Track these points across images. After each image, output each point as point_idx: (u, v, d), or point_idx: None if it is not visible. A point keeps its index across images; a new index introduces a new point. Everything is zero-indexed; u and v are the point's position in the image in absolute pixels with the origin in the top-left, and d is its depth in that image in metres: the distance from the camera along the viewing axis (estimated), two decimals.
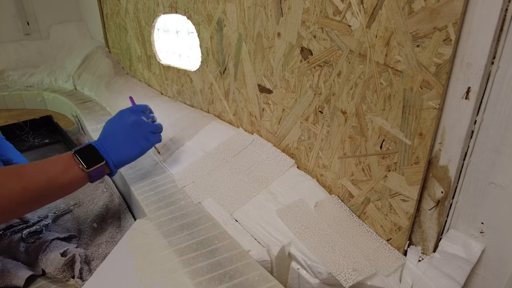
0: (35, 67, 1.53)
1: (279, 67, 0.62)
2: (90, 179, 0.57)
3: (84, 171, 0.55)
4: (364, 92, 0.49)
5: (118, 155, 0.60)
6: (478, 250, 0.43)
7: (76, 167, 0.55)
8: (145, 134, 0.64)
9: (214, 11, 0.73)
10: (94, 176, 0.57)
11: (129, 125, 0.63)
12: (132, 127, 0.63)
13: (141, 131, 0.64)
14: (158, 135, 0.67)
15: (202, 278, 0.46)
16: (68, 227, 0.69)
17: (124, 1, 1.12)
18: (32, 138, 1.15)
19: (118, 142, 0.61)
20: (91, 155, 0.57)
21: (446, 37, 0.38)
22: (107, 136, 0.61)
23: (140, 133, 0.63)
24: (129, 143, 0.62)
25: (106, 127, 0.64)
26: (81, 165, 0.55)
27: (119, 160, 0.61)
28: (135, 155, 0.63)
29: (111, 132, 0.62)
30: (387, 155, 0.49)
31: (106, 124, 0.64)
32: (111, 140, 0.61)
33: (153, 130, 0.66)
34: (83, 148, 0.58)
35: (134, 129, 0.63)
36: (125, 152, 0.61)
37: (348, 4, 0.47)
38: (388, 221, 0.51)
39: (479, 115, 0.39)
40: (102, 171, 0.58)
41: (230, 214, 0.58)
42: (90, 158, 0.57)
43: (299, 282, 0.50)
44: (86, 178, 0.56)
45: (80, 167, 0.55)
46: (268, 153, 0.68)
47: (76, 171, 0.55)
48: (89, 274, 0.57)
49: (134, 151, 0.63)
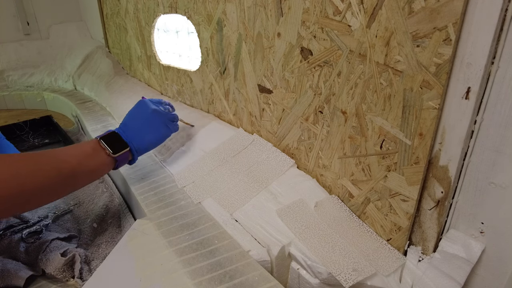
0: (35, 67, 1.53)
1: (279, 67, 0.62)
2: (116, 164, 0.60)
3: (111, 157, 0.58)
4: (364, 92, 0.49)
5: (140, 142, 0.63)
6: (478, 250, 0.43)
7: (103, 152, 0.57)
8: (165, 122, 0.67)
9: (214, 11, 0.73)
10: (120, 161, 0.60)
11: (150, 113, 0.66)
12: (152, 116, 0.66)
13: (160, 119, 0.67)
14: (176, 123, 0.71)
15: (202, 278, 0.46)
16: (68, 227, 0.69)
17: (124, 1, 1.12)
18: (32, 138, 1.15)
19: (140, 129, 0.64)
20: (115, 141, 0.60)
21: (446, 37, 0.38)
22: (129, 124, 0.64)
23: (160, 121, 0.67)
24: (150, 130, 0.65)
25: (127, 116, 0.67)
26: (107, 150, 0.57)
27: (141, 147, 0.63)
28: (156, 141, 0.67)
29: (132, 120, 0.65)
30: (387, 155, 0.49)
31: (127, 114, 0.67)
32: (133, 127, 0.64)
33: (171, 119, 0.70)
34: (108, 135, 0.60)
35: (154, 117, 0.66)
36: (146, 139, 0.64)
37: (348, 4, 0.47)
38: (388, 221, 0.51)
39: (479, 115, 0.39)
40: (126, 157, 0.61)
41: (230, 214, 0.58)
42: (115, 144, 0.59)
43: (299, 282, 0.50)
44: (112, 163, 0.59)
45: (107, 152, 0.57)
46: (268, 153, 0.68)
47: (103, 157, 0.57)
48: (89, 274, 0.57)
49: (155, 138, 0.66)
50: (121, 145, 0.60)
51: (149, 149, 0.66)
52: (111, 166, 0.59)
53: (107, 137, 0.59)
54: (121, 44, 1.29)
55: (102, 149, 0.57)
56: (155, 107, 0.67)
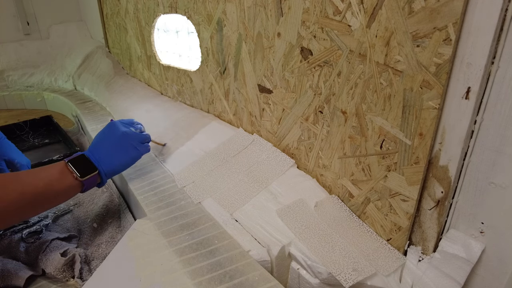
0: (35, 67, 1.53)
1: (279, 67, 0.62)
2: (83, 188, 0.58)
3: (78, 180, 0.56)
4: (364, 92, 0.49)
5: (109, 165, 0.62)
6: (478, 250, 0.43)
7: (70, 176, 0.56)
8: (134, 144, 0.66)
9: (214, 11, 0.73)
10: (87, 185, 0.58)
11: (119, 136, 0.65)
12: (122, 138, 0.65)
13: (130, 141, 0.66)
14: (146, 145, 0.70)
15: (202, 278, 0.46)
16: (68, 227, 0.69)
17: (124, 1, 1.12)
18: (32, 138, 1.15)
19: (109, 152, 0.63)
20: (84, 164, 0.59)
21: (446, 37, 0.38)
22: (98, 147, 0.63)
23: (129, 143, 0.66)
24: (120, 153, 0.64)
25: (96, 138, 0.66)
26: (75, 174, 0.56)
27: (110, 170, 0.62)
28: (126, 164, 0.65)
29: (101, 142, 0.64)
30: (387, 155, 0.49)
31: (96, 136, 0.66)
32: (102, 150, 0.63)
33: (142, 140, 0.69)
34: (76, 158, 0.59)
35: (124, 139, 0.65)
36: (116, 162, 0.63)
37: (348, 4, 0.47)
38: (388, 221, 0.51)
39: (479, 115, 0.39)
40: (94, 181, 0.60)
41: (230, 214, 0.58)
42: (83, 167, 0.58)
43: (299, 282, 0.50)
44: (79, 186, 0.57)
45: (74, 176, 0.56)
46: (268, 153, 0.68)
47: (70, 180, 0.56)
48: (89, 274, 0.57)
49: (125, 160, 0.65)
50: (89, 168, 0.59)
51: (118, 172, 0.65)
52: (79, 189, 0.58)
53: (75, 160, 0.58)
54: (121, 44, 1.29)
55: (70, 172, 0.56)
56: (124, 129, 0.67)
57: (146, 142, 0.70)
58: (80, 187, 0.58)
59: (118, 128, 0.66)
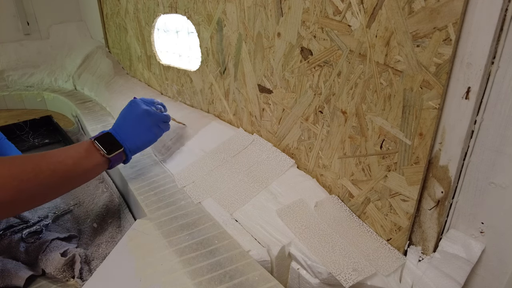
0: (35, 67, 1.53)
1: (279, 67, 0.62)
2: (110, 165, 0.61)
3: (105, 157, 0.59)
4: (364, 92, 0.49)
5: (133, 142, 0.64)
6: (478, 250, 0.43)
7: (97, 153, 0.58)
8: (156, 122, 0.69)
9: (214, 11, 0.73)
10: (113, 161, 0.61)
11: (141, 114, 0.67)
12: (144, 116, 0.67)
13: (152, 120, 0.68)
14: (167, 124, 0.72)
15: (202, 278, 0.46)
16: (68, 227, 0.69)
17: (124, 1, 1.12)
18: (32, 138, 1.15)
19: (133, 130, 0.65)
20: (109, 142, 0.61)
21: (446, 37, 0.38)
22: (122, 125, 0.65)
23: (151, 121, 0.68)
24: (142, 130, 0.66)
25: (119, 117, 0.68)
26: (101, 151, 0.58)
27: (134, 147, 0.65)
28: (149, 141, 0.68)
29: (124, 121, 0.66)
30: (387, 155, 0.49)
31: (119, 114, 0.68)
32: (126, 128, 0.65)
33: (163, 119, 0.71)
34: (102, 136, 0.61)
35: (146, 117, 0.67)
36: (139, 139, 0.65)
37: (348, 4, 0.47)
38: (388, 221, 0.51)
39: (479, 115, 0.39)
40: (120, 157, 0.62)
41: (230, 214, 0.58)
42: (108, 145, 0.60)
43: (299, 282, 0.50)
44: (106, 163, 0.60)
45: (101, 153, 0.58)
46: (268, 153, 0.68)
47: (97, 157, 0.58)
48: (89, 274, 0.57)
49: (148, 138, 0.67)
50: (115, 145, 0.61)
51: (142, 149, 0.67)
52: (106, 166, 0.60)
53: (101, 138, 0.60)
54: (121, 44, 1.29)
55: (97, 150, 0.58)
56: (146, 107, 0.68)
57: (167, 122, 0.72)
58: (107, 164, 0.60)
59: (140, 106, 0.68)
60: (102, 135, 0.61)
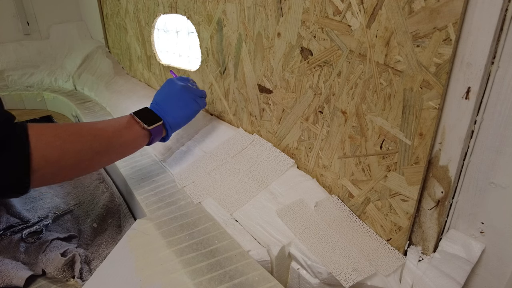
0: (35, 67, 1.53)
1: (279, 67, 0.62)
2: (150, 138, 0.61)
3: (145, 129, 0.59)
4: (364, 92, 0.49)
5: (173, 117, 0.65)
6: (478, 250, 0.43)
7: (137, 125, 0.59)
8: (194, 97, 0.69)
9: (214, 11, 0.73)
10: (154, 134, 0.61)
11: (179, 90, 0.68)
12: (182, 92, 0.68)
13: (190, 95, 0.69)
14: (203, 99, 0.73)
15: (202, 278, 0.46)
16: (68, 227, 0.69)
17: (124, 1, 1.12)
18: None
19: (171, 104, 0.66)
20: (149, 116, 0.61)
21: (446, 37, 0.38)
22: (160, 101, 0.66)
23: (189, 96, 0.69)
24: (181, 106, 0.67)
25: (157, 95, 0.69)
26: (141, 123, 0.59)
27: (174, 122, 0.65)
28: (188, 116, 0.69)
29: (163, 97, 0.67)
30: (387, 155, 0.49)
31: (156, 93, 0.69)
32: (165, 103, 0.66)
33: (200, 95, 0.72)
34: (141, 110, 0.62)
35: (184, 93, 0.68)
36: (178, 114, 0.66)
37: (348, 4, 0.47)
38: (388, 221, 0.51)
39: (479, 115, 0.39)
40: (160, 131, 0.63)
41: (230, 214, 0.58)
42: (148, 119, 0.61)
43: (299, 282, 0.50)
44: (146, 136, 0.60)
45: (141, 125, 0.59)
46: (268, 153, 0.68)
47: (137, 129, 0.59)
48: (89, 274, 0.57)
49: (187, 113, 0.68)
50: (155, 119, 0.62)
51: (182, 125, 0.68)
52: (146, 139, 0.61)
53: (140, 112, 0.61)
54: (121, 44, 1.29)
55: (137, 123, 0.59)
56: (183, 83, 0.69)
57: (203, 97, 0.73)
58: (148, 137, 0.61)
59: (176, 83, 0.69)
60: (141, 109, 0.62)
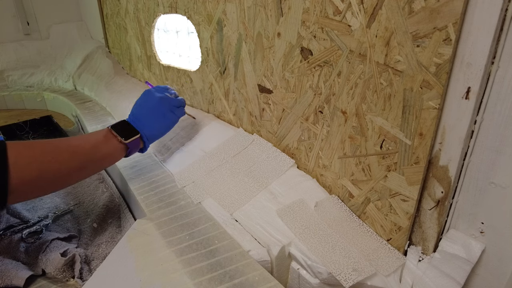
0: (35, 67, 1.53)
1: (279, 67, 0.62)
2: (127, 151, 0.62)
3: (122, 143, 0.60)
4: (364, 92, 0.49)
5: (150, 129, 0.65)
6: (478, 250, 0.43)
7: (114, 139, 0.59)
8: (171, 108, 0.70)
9: (214, 11, 0.73)
10: (131, 147, 0.62)
11: (156, 101, 0.68)
12: (159, 103, 0.68)
13: (167, 106, 0.69)
14: (181, 108, 0.73)
15: (202, 278, 0.46)
16: (68, 227, 0.69)
17: (124, 1, 1.12)
18: (32, 138, 1.14)
19: (149, 117, 0.66)
20: (126, 129, 0.62)
21: (446, 37, 0.38)
22: (137, 113, 0.67)
23: (166, 108, 0.69)
24: (158, 117, 0.67)
25: (135, 106, 0.69)
26: (118, 137, 0.60)
27: (151, 134, 0.66)
28: (165, 128, 0.69)
29: (140, 109, 0.68)
30: (387, 155, 0.49)
31: (134, 104, 0.69)
32: (142, 116, 0.66)
33: (177, 104, 0.72)
34: (118, 124, 0.62)
35: (161, 104, 0.68)
36: (156, 126, 0.67)
37: (348, 4, 0.47)
38: (388, 221, 0.51)
39: (479, 115, 0.39)
40: (137, 144, 0.63)
41: (230, 214, 0.58)
42: (125, 132, 0.61)
43: (299, 282, 0.50)
44: (123, 150, 0.61)
45: (118, 139, 0.59)
46: (268, 153, 0.68)
47: (115, 143, 0.59)
48: (89, 274, 0.57)
49: (164, 124, 0.68)
50: (132, 132, 0.62)
51: (159, 136, 0.68)
52: (123, 152, 0.61)
53: (117, 125, 0.62)
54: (121, 44, 1.29)
55: (114, 136, 0.60)
56: (160, 95, 0.69)
57: (182, 106, 0.73)
58: (125, 150, 0.61)
59: (153, 94, 0.69)
60: (118, 122, 0.62)
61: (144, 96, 0.70)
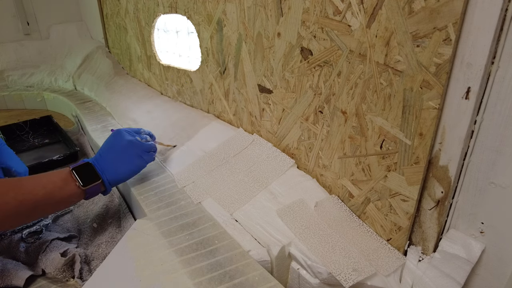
0: (35, 67, 1.53)
1: (279, 67, 0.62)
2: (85, 196, 0.59)
3: (80, 188, 0.57)
4: (364, 92, 0.49)
5: (113, 174, 0.62)
6: (478, 250, 0.43)
7: (73, 184, 0.56)
8: (140, 153, 0.66)
9: (214, 11, 0.73)
10: (89, 193, 0.59)
11: (125, 145, 0.65)
12: (127, 147, 0.65)
13: (135, 150, 0.66)
14: (152, 153, 0.70)
15: (202, 278, 0.46)
16: (68, 227, 0.69)
17: (124, 1, 1.12)
18: (32, 138, 1.14)
19: (114, 161, 0.63)
20: (88, 172, 0.59)
21: (446, 37, 0.38)
22: (104, 155, 0.64)
23: (134, 152, 0.66)
24: (124, 161, 0.64)
25: (103, 146, 0.66)
26: (77, 182, 0.57)
27: (114, 179, 0.62)
28: (130, 173, 0.66)
29: (107, 151, 0.65)
30: (387, 155, 0.49)
31: (103, 144, 0.67)
32: (107, 159, 0.63)
33: (147, 149, 0.68)
34: (81, 166, 0.59)
35: (129, 148, 0.66)
36: (120, 171, 0.63)
37: (348, 4, 0.47)
38: (388, 221, 0.51)
39: (479, 115, 0.39)
40: (97, 189, 0.60)
41: (230, 214, 0.58)
42: (87, 176, 0.58)
43: (299, 282, 0.50)
44: (81, 195, 0.58)
45: (77, 184, 0.56)
46: (268, 153, 0.68)
47: (72, 188, 0.56)
48: (89, 274, 0.57)
49: (129, 169, 0.65)
50: (93, 176, 0.59)
51: (123, 180, 0.65)
52: (81, 196, 0.58)
53: (80, 168, 0.59)
54: (121, 44, 1.29)
55: (73, 181, 0.57)
56: (130, 137, 0.67)
57: (152, 151, 0.70)
58: (83, 195, 0.58)
59: (123, 137, 0.67)
60: (82, 165, 0.60)
61: (113, 138, 0.67)
